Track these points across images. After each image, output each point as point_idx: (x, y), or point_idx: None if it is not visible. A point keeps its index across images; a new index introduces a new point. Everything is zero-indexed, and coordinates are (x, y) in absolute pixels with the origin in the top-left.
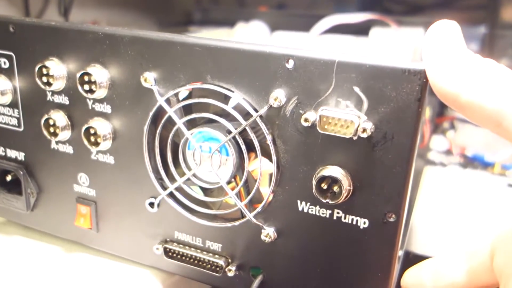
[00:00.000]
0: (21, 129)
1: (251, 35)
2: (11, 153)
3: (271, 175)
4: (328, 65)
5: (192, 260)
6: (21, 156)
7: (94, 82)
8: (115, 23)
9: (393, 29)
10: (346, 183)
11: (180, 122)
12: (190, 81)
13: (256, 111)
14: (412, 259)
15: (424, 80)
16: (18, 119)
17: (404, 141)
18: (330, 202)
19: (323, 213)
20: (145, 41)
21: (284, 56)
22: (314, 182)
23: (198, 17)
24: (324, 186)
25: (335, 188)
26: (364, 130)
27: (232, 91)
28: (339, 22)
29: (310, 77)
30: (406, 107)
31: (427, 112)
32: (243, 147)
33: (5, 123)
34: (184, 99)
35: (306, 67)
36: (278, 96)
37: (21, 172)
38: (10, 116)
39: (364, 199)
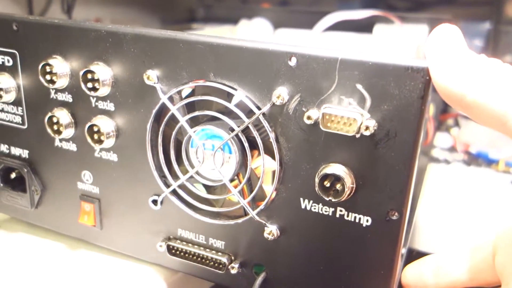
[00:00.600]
0: (25, 126)
1: (254, 32)
2: (15, 151)
3: (274, 172)
4: (331, 63)
5: (195, 258)
6: (25, 153)
7: (97, 80)
8: (118, 20)
9: (397, 26)
10: (348, 181)
11: (183, 120)
12: (193, 79)
13: (259, 108)
14: (415, 256)
15: (427, 77)
16: (22, 116)
17: (407, 138)
18: (333, 200)
19: (325, 211)
20: (148, 39)
21: (287, 53)
22: (317, 180)
23: (201, 15)
24: (327, 184)
25: (338, 186)
26: (367, 128)
27: (235, 89)
28: (342, 19)
29: (312, 74)
30: (409, 104)
31: (431, 109)
32: (246, 144)
33: (9, 121)
34: (187, 96)
35: (308, 65)
36: (281, 93)
37: (25, 170)
38: (14, 114)
39: (367, 197)
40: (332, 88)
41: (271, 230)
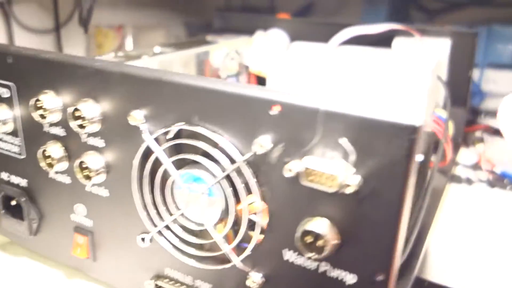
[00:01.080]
0: (23, 156)
1: (269, 44)
2: (15, 179)
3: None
4: (313, 114)
5: None
6: (23, 182)
7: (85, 118)
8: (141, 26)
9: (417, 39)
10: (331, 238)
11: (167, 162)
12: (178, 121)
13: (243, 155)
14: (427, 287)
15: (414, 136)
16: (20, 147)
17: (393, 199)
18: (315, 257)
19: (309, 265)
20: (134, 79)
21: (268, 101)
22: (297, 235)
23: (218, 24)
24: (308, 240)
25: (320, 243)
26: (349, 186)
27: (219, 134)
28: (359, 34)
29: (295, 124)
30: (395, 163)
31: (450, 129)
32: (228, 190)
33: (8, 150)
34: (175, 137)
35: (290, 114)
36: (263, 142)
37: (23, 199)
38: (12, 144)
39: (352, 255)
40: (315, 140)
41: (254, 280)
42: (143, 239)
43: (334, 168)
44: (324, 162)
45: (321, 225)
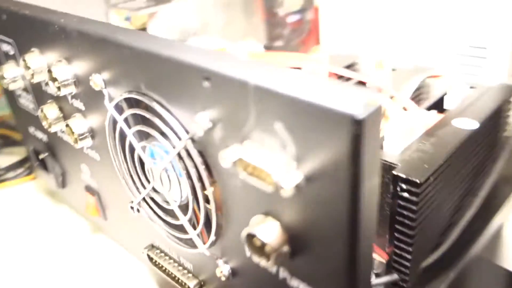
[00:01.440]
0: (38, 112)
1: None
2: (38, 134)
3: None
4: (244, 89)
5: (169, 274)
6: (45, 137)
7: (59, 80)
8: None
9: None
10: (279, 244)
11: (130, 133)
12: (129, 89)
13: (188, 133)
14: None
15: (358, 131)
16: (34, 103)
17: (340, 207)
18: (264, 262)
19: (270, 268)
20: (88, 38)
21: (200, 70)
22: (243, 235)
23: None
24: (257, 242)
25: (267, 248)
26: (282, 188)
27: (163, 106)
28: None
29: (228, 101)
30: (338, 163)
31: None
32: (182, 171)
33: (27, 106)
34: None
35: (223, 88)
36: (199, 120)
37: (46, 153)
38: (28, 100)
39: (308, 266)
40: (250, 123)
41: (222, 270)
42: (132, 208)
43: (270, 160)
44: (258, 153)
45: (268, 229)
